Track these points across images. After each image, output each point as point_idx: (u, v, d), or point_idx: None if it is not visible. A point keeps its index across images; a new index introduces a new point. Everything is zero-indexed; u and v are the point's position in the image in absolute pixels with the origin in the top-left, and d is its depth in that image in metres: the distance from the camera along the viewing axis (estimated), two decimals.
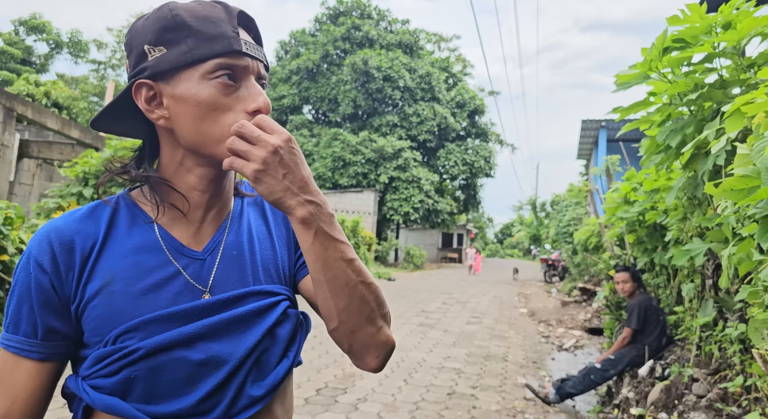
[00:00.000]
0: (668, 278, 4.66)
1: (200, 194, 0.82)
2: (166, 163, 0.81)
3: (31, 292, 0.76)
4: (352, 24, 29.82)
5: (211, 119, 0.75)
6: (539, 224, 46.47)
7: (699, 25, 2.65)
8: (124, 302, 0.76)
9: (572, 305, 10.65)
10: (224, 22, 0.76)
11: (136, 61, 0.77)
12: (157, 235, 0.81)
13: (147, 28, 0.77)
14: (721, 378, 3.02)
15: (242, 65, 0.77)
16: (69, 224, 0.79)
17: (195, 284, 0.80)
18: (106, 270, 0.77)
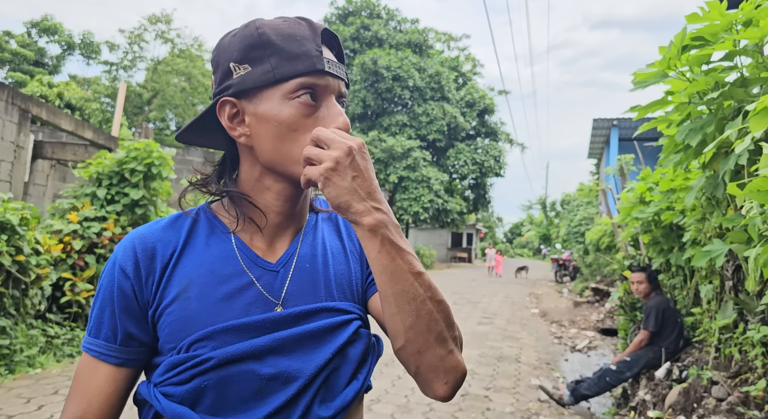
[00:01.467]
0: (685, 278, 4.60)
1: (276, 211, 0.83)
2: (245, 178, 0.82)
3: (114, 297, 0.78)
4: (362, 24, 29.81)
5: (291, 139, 0.75)
6: (549, 223, 46.19)
7: (719, 23, 2.61)
8: (199, 309, 0.77)
9: (585, 305, 10.57)
10: (308, 40, 0.76)
11: (222, 79, 0.78)
12: (234, 245, 0.82)
13: (233, 46, 0.77)
14: (742, 382, 2.96)
15: (323, 84, 0.77)
16: (152, 232, 0.81)
17: (267, 296, 0.80)
18: (183, 277, 0.78)
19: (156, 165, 5.74)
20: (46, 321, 4.96)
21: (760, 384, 2.52)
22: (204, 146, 0.90)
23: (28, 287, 4.54)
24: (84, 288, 5.17)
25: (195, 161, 11.37)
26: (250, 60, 0.75)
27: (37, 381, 4.17)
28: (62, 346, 4.89)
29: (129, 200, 5.66)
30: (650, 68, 2.88)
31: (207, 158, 12.02)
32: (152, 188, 5.84)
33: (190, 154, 11.36)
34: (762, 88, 2.52)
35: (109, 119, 15.66)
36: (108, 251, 5.50)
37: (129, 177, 5.66)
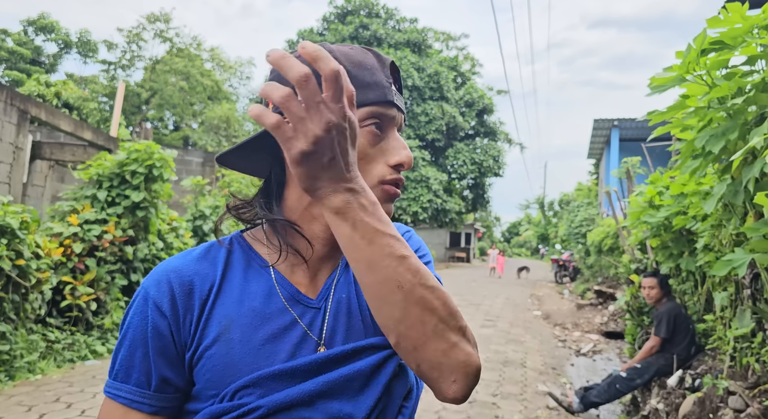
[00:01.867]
0: (696, 284, 4.54)
1: (323, 243, 0.77)
2: (293, 206, 0.77)
3: (147, 337, 0.71)
4: (360, 23, 29.75)
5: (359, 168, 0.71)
6: (547, 223, 46.26)
7: (741, 26, 2.54)
8: (243, 353, 0.70)
9: (588, 308, 10.52)
10: (378, 70, 0.75)
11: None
12: (274, 280, 0.76)
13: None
14: (761, 393, 2.90)
15: (390, 116, 0.75)
16: (187, 265, 0.75)
17: (311, 335, 0.74)
18: (223, 316, 0.72)
19: (157, 167, 5.67)
20: (46, 326, 4.88)
21: None
22: (244, 172, 0.84)
23: (29, 291, 4.46)
24: (84, 292, 5.09)
25: (194, 162, 11.29)
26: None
27: (38, 388, 4.09)
28: (62, 351, 4.81)
29: (130, 203, 5.58)
30: (668, 72, 2.82)
31: (206, 159, 11.91)
32: (153, 190, 5.77)
33: (189, 154, 11.27)
34: None
35: (107, 118, 15.52)
36: (108, 255, 5.43)
37: (130, 179, 5.58)
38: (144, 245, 5.86)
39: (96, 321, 5.31)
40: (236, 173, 9.78)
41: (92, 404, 3.82)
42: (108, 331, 5.42)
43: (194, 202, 7.89)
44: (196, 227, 7.74)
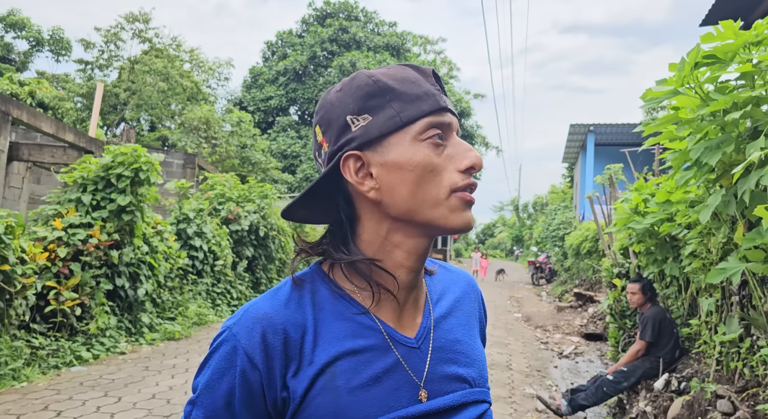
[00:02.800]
0: (679, 289, 4.68)
1: (407, 271, 0.74)
2: (369, 240, 0.74)
3: (235, 387, 0.68)
4: (340, 26, 29.73)
5: (429, 181, 0.70)
6: (521, 225, 46.87)
7: (733, 42, 2.64)
8: (350, 400, 0.68)
9: (567, 310, 10.71)
10: (422, 81, 0.73)
11: (338, 135, 0.71)
12: (368, 319, 0.73)
13: (346, 99, 0.72)
14: (750, 397, 3.01)
15: (447, 122, 0.73)
16: (277, 311, 0.71)
17: (413, 378, 0.72)
18: (323, 363, 0.69)
19: (143, 170, 5.58)
20: (29, 332, 4.76)
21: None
22: (311, 222, 0.81)
23: (13, 297, 4.35)
24: (69, 297, 4.98)
25: (175, 163, 11.13)
26: (369, 109, 0.70)
27: (24, 396, 3.99)
28: (47, 358, 4.70)
29: (115, 206, 5.49)
30: (663, 86, 2.91)
31: (187, 161, 11.71)
32: (139, 194, 5.68)
33: (170, 156, 11.11)
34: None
35: (84, 119, 15.17)
36: (93, 259, 5.32)
37: (115, 182, 5.49)
38: (129, 249, 5.77)
39: (80, 327, 5.21)
40: (218, 176, 9.68)
41: (82, 412, 3.75)
42: (93, 337, 5.32)
43: (178, 205, 7.79)
44: (179, 230, 7.64)
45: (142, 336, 6.03)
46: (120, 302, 5.94)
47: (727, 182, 2.80)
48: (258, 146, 18.78)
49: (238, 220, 9.04)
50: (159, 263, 6.45)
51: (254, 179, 10.28)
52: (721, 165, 2.74)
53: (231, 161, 17.37)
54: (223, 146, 16.63)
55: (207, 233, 7.95)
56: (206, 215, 8.18)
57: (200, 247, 7.77)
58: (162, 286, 6.77)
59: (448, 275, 0.88)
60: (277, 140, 26.90)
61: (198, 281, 7.79)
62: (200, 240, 7.77)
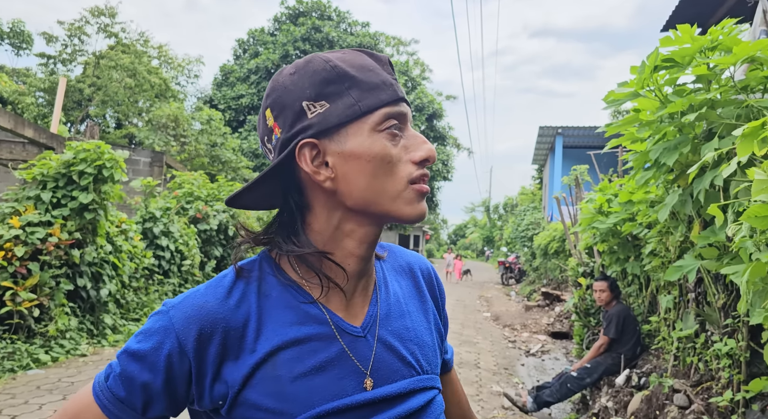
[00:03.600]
0: (641, 287, 4.80)
1: (357, 260, 0.74)
2: (320, 229, 0.73)
3: (158, 368, 0.67)
4: (312, 25, 29.58)
5: (385, 172, 0.69)
6: (492, 226, 47.44)
7: (690, 46, 2.73)
8: (292, 389, 0.67)
9: (535, 309, 10.88)
10: (379, 69, 0.71)
11: (293, 121, 0.69)
12: (315, 308, 0.72)
13: (301, 83, 0.69)
14: (704, 390, 3.11)
15: (403, 113, 0.72)
16: (219, 299, 0.70)
17: (359, 366, 0.71)
18: (266, 352, 0.68)
19: (107, 167, 5.45)
20: None
21: (727, 395, 2.65)
22: (254, 209, 0.79)
23: None
24: (26, 298, 4.83)
25: (142, 161, 10.90)
26: (326, 96, 0.68)
27: None
28: (2, 361, 4.54)
29: (77, 204, 5.34)
30: (624, 88, 2.98)
31: (154, 159, 11.47)
32: (103, 192, 5.54)
33: (136, 154, 10.88)
34: (730, 110, 2.65)
35: (45, 114, 14.68)
36: (53, 259, 5.17)
37: (77, 180, 5.34)
38: (92, 249, 5.62)
39: (39, 328, 5.05)
40: (187, 174, 9.51)
41: (38, 416, 3.63)
42: (52, 339, 5.16)
43: (144, 203, 7.62)
44: (145, 229, 7.48)
45: (104, 337, 5.88)
46: (81, 303, 5.78)
47: (684, 182, 2.89)
48: (228, 144, 18.53)
49: (207, 219, 8.91)
50: (123, 262, 6.30)
51: (224, 178, 10.14)
52: (678, 166, 2.82)
53: (200, 160, 17.11)
54: (193, 144, 16.36)
55: (174, 232, 7.81)
56: (173, 214, 8.04)
57: (167, 247, 7.63)
58: (126, 286, 6.62)
59: (397, 259, 0.87)
60: (248, 139, 26.61)
61: (164, 282, 7.65)
62: (167, 240, 7.63)
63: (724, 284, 2.86)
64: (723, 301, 2.85)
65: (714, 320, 3.02)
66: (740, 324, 2.73)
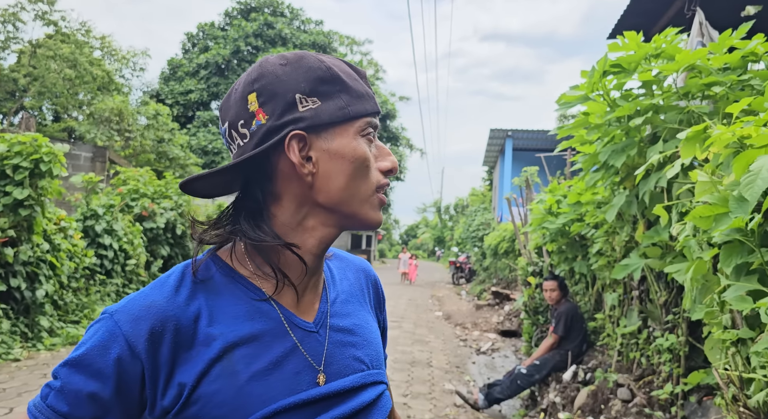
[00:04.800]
0: (587, 285, 4.95)
1: (313, 258, 0.75)
2: (285, 221, 0.73)
3: (107, 375, 0.64)
4: (265, 21, 29.13)
5: (362, 175, 0.73)
6: (443, 226, 48.13)
7: (635, 53, 2.83)
8: (250, 386, 0.67)
9: (485, 308, 11.08)
10: (361, 82, 0.76)
11: (283, 110, 0.70)
12: (272, 302, 0.73)
13: (296, 76, 0.71)
14: (646, 384, 3.23)
15: (377, 124, 0.77)
16: (167, 299, 0.68)
17: (312, 362, 0.72)
18: (221, 348, 0.67)
19: (45, 162, 5.16)
20: None
21: (667, 388, 2.76)
22: (211, 196, 0.78)
23: None
24: None
25: (83, 156, 10.41)
26: (319, 94, 0.71)
27: None
28: None
29: (11, 200, 5.03)
30: (575, 91, 3.07)
31: (96, 154, 10.99)
32: (40, 187, 5.24)
33: (77, 148, 10.37)
34: (671, 115, 2.77)
35: None
36: None
37: (11, 174, 5.03)
38: (27, 247, 5.31)
39: None
40: (132, 171, 9.16)
41: None
42: None
43: (85, 200, 7.28)
44: (87, 227, 7.14)
45: (40, 340, 5.57)
46: (15, 304, 5.45)
47: (630, 184, 3.00)
48: (176, 140, 17.96)
49: (154, 217, 8.60)
50: (62, 262, 5.99)
51: (172, 175, 9.82)
52: (625, 168, 2.93)
53: (146, 156, 16.50)
54: (138, 139, 15.76)
55: (118, 230, 7.49)
56: (117, 212, 7.71)
57: (110, 245, 7.31)
58: (65, 287, 6.29)
59: (343, 262, 0.91)
60: (198, 135, 25.91)
61: (107, 282, 7.33)
62: (110, 238, 7.31)
63: (665, 281, 2.99)
64: (665, 298, 2.98)
65: (656, 316, 3.15)
66: (680, 320, 2.85)
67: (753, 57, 2.41)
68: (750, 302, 1.47)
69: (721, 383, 1.70)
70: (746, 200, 1.39)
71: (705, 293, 1.79)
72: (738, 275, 1.59)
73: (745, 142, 1.66)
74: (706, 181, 1.76)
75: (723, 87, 2.35)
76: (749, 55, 2.40)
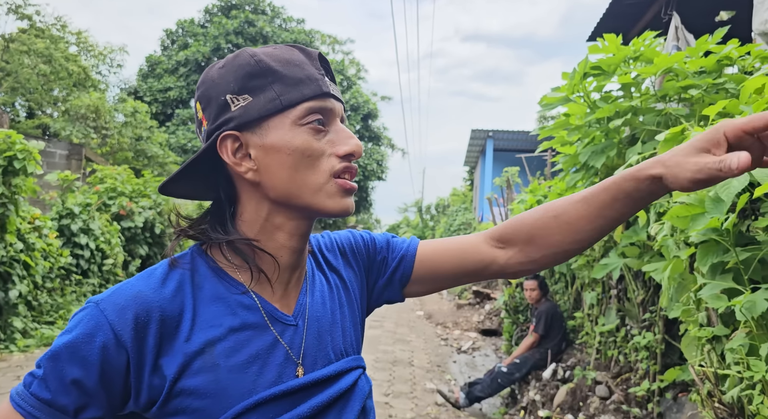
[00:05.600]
0: (566, 284, 5.02)
1: (290, 252, 0.75)
2: (250, 220, 0.74)
3: (92, 364, 0.64)
4: (246, 18, 28.88)
5: (306, 166, 0.71)
6: (424, 226, 48.24)
7: (614, 55, 2.88)
8: (230, 378, 0.68)
9: (466, 307, 11.14)
10: (307, 64, 0.74)
11: (217, 113, 0.70)
12: (249, 298, 0.73)
13: (227, 77, 0.71)
14: (623, 381, 3.29)
15: (330, 107, 0.73)
16: (153, 290, 0.68)
17: (291, 354, 0.73)
18: (202, 343, 0.68)
19: (19, 159, 5.04)
20: None
21: (644, 385, 2.81)
22: (191, 198, 0.80)
23: None
24: None
25: (59, 154, 10.20)
26: (249, 90, 0.70)
27: None
28: None
29: None
30: (556, 93, 3.11)
31: (71, 151, 10.79)
32: (14, 185, 5.12)
33: (52, 146, 10.16)
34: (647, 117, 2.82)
35: None
36: None
37: None
38: (0, 247, 5.19)
39: None
40: (109, 169, 9.01)
41: None
42: None
43: (61, 199, 7.13)
44: (62, 226, 7.00)
45: (13, 342, 5.44)
46: None
47: None
48: (155, 138, 17.69)
49: (132, 216, 8.46)
50: (36, 262, 5.86)
51: (150, 174, 9.68)
52: (605, 168, 2.97)
53: (124, 154, 16.22)
54: (115, 137, 15.48)
55: (95, 229, 7.36)
56: (94, 211, 7.57)
57: (86, 245, 7.17)
58: (39, 287, 6.16)
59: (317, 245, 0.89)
60: (177, 133, 25.58)
61: (83, 282, 7.19)
62: (87, 237, 7.17)
63: (643, 280, 3.04)
64: (642, 297, 3.03)
65: (633, 315, 3.21)
66: (657, 318, 2.90)
67: (727, 61, 2.47)
68: (725, 300, 1.51)
69: (697, 379, 1.73)
70: (722, 200, 1.42)
71: (681, 291, 1.83)
72: (714, 273, 1.62)
73: None
74: None
75: (699, 90, 2.40)
76: (724, 60, 2.45)
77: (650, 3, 5.72)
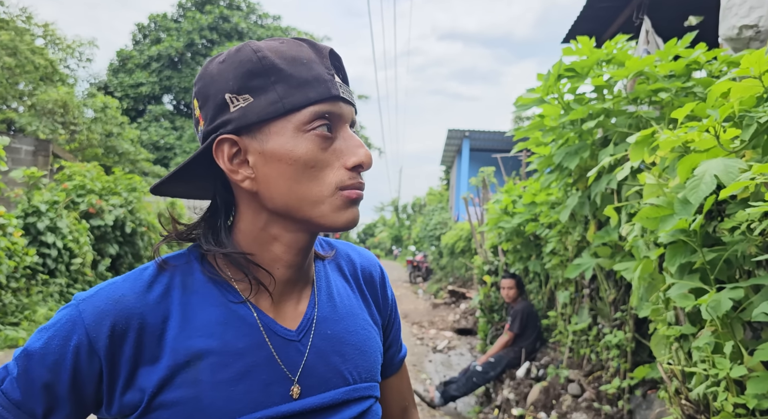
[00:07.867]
0: (540, 284, 5.08)
1: (286, 265, 0.69)
2: (246, 229, 0.68)
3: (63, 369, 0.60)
4: (220, 14, 28.50)
5: (309, 178, 0.64)
6: (401, 225, 48.39)
7: (587, 58, 2.92)
8: (213, 396, 0.62)
9: (442, 306, 11.20)
10: (316, 63, 0.66)
11: (215, 113, 0.64)
12: (251, 307, 0.67)
13: (227, 74, 0.64)
14: (595, 379, 3.34)
15: (338, 113, 0.66)
16: (137, 294, 0.63)
17: (286, 372, 0.67)
18: (187, 354, 0.62)
19: None
20: None
21: (615, 382, 2.86)
22: (186, 197, 0.73)
23: None
24: None
25: (24, 150, 9.91)
26: (250, 89, 0.63)
27: None
28: None
29: None
30: (531, 94, 3.13)
31: (38, 147, 10.49)
32: None
33: (17, 141, 9.86)
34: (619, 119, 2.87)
35: None
36: None
37: None
38: None
39: None
40: (78, 166, 8.78)
41: None
42: None
43: (26, 196, 6.93)
44: (28, 224, 6.80)
45: None
46: None
47: (583, 185, 3.09)
48: (126, 135, 17.33)
49: (101, 214, 8.27)
50: (0, 261, 5.68)
51: (121, 171, 9.47)
52: (578, 169, 3.01)
53: (94, 150, 15.85)
54: (85, 133, 15.12)
55: (62, 228, 7.17)
56: (62, 209, 7.38)
57: (53, 244, 6.98)
58: (3, 287, 5.98)
59: (343, 257, 0.82)
60: (149, 130, 25.11)
61: (50, 282, 7.00)
62: (54, 236, 6.98)
63: (615, 280, 3.09)
64: (613, 296, 3.08)
65: (605, 314, 3.26)
66: (628, 317, 2.96)
67: (696, 65, 2.53)
68: (692, 299, 1.54)
69: (665, 377, 1.77)
70: (690, 202, 1.45)
71: (651, 291, 1.86)
72: (681, 273, 1.65)
73: (688, 146, 1.73)
74: (654, 183, 1.82)
75: (669, 93, 2.45)
76: (692, 64, 2.51)
77: (623, 7, 5.83)
